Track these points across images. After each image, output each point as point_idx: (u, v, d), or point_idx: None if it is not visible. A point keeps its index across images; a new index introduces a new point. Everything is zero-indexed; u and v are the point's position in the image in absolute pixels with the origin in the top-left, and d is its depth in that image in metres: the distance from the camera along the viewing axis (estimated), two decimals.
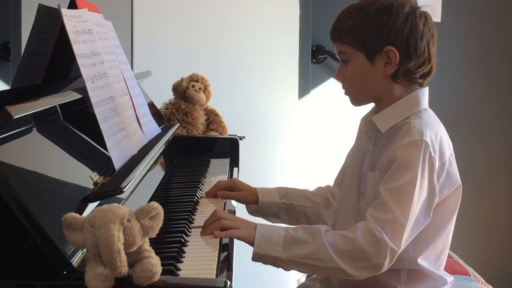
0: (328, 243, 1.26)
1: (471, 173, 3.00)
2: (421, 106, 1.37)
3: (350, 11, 1.37)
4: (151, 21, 2.61)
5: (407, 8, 1.34)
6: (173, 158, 2.01)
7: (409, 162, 1.28)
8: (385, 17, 1.33)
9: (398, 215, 1.25)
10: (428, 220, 1.32)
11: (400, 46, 1.33)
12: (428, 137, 1.30)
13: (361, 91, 1.40)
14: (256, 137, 2.60)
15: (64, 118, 1.35)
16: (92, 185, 1.22)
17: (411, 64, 1.34)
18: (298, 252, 1.27)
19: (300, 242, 1.28)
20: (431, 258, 1.40)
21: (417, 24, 1.33)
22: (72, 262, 1.00)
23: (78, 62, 1.27)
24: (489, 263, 3.02)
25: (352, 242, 1.25)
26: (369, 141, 1.43)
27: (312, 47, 2.81)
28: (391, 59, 1.34)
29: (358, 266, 1.25)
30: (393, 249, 1.24)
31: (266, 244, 1.28)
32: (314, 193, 1.63)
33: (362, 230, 1.26)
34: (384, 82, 1.37)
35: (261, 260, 1.29)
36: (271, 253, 1.27)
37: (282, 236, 1.28)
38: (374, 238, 1.24)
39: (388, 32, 1.33)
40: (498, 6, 2.97)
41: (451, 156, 1.36)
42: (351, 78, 1.39)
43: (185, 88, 2.19)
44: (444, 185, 1.34)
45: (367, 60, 1.35)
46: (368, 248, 1.24)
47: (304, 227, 1.32)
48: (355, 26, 1.34)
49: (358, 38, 1.34)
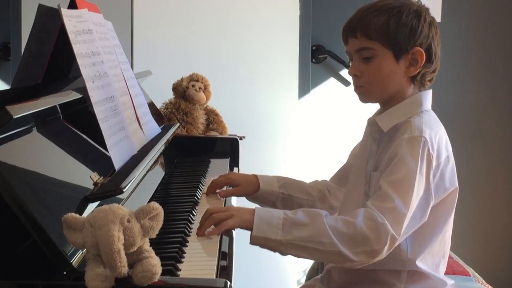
0: (329, 226, 1.25)
1: (470, 173, 3.01)
2: (423, 107, 1.39)
3: (376, 9, 1.38)
4: (151, 21, 2.61)
5: (430, 17, 1.40)
6: (173, 158, 2.01)
7: (408, 156, 1.29)
8: (416, 19, 1.37)
9: (399, 204, 1.26)
10: (425, 219, 1.33)
11: (426, 49, 1.37)
12: (427, 135, 1.32)
13: (380, 88, 1.40)
14: (256, 137, 2.60)
15: (64, 118, 1.35)
16: (92, 185, 1.22)
17: (432, 67, 1.39)
18: (298, 234, 1.26)
19: (300, 225, 1.27)
20: (429, 261, 1.40)
21: (437, 32, 1.40)
22: (72, 262, 0.99)
23: (78, 62, 1.27)
24: (489, 263, 3.02)
25: (354, 226, 1.25)
26: (373, 142, 1.45)
27: (312, 47, 2.81)
28: (416, 60, 1.37)
29: (358, 250, 1.24)
30: (393, 235, 1.24)
31: (265, 226, 1.26)
32: (311, 186, 1.64)
33: (363, 215, 1.26)
34: (403, 83, 1.40)
35: (259, 243, 1.28)
36: (270, 235, 1.26)
37: (281, 218, 1.27)
38: (375, 223, 1.24)
39: (419, 34, 1.36)
40: (498, 6, 2.97)
41: (447, 158, 1.36)
42: (373, 74, 1.39)
43: (185, 87, 2.19)
44: (439, 185, 1.34)
45: (393, 58, 1.37)
46: (369, 232, 1.24)
47: (304, 210, 1.31)
48: (387, 24, 1.36)
49: (389, 35, 1.36)
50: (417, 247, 1.37)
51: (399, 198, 1.26)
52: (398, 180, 1.28)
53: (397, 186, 1.28)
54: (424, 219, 1.33)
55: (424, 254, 1.38)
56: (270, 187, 1.60)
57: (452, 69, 2.91)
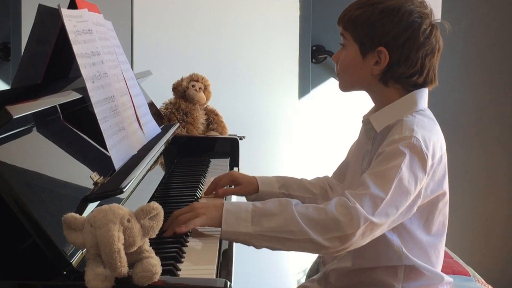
0: (298, 214, 1.23)
1: (470, 173, 3.01)
2: (418, 106, 1.38)
3: (362, 2, 1.39)
4: (151, 21, 2.61)
5: (415, 17, 1.34)
6: (173, 158, 2.01)
7: (395, 153, 1.28)
8: (388, 18, 1.34)
9: (374, 189, 1.25)
10: (409, 215, 1.31)
11: (393, 50, 1.34)
12: (420, 135, 1.30)
13: (347, 79, 1.44)
14: (256, 137, 2.60)
15: (64, 118, 1.35)
16: (92, 185, 1.22)
17: (400, 71, 1.35)
18: (267, 225, 1.24)
19: (269, 215, 1.25)
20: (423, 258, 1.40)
21: (417, 35, 1.34)
22: (72, 262, 0.99)
23: (78, 62, 1.27)
24: (489, 263, 3.02)
25: (325, 212, 1.23)
26: (368, 141, 1.45)
27: (312, 47, 2.81)
28: (381, 60, 1.35)
29: (330, 236, 1.22)
30: (366, 217, 1.22)
31: (233, 220, 1.24)
32: (313, 183, 1.64)
33: (335, 202, 1.25)
34: (371, 80, 1.39)
35: (230, 238, 1.26)
36: (239, 229, 1.24)
37: (250, 211, 1.25)
38: (346, 208, 1.23)
39: (385, 33, 1.34)
40: (498, 6, 2.97)
41: (440, 158, 1.36)
42: (342, 62, 1.42)
43: (185, 88, 2.19)
44: (428, 184, 1.33)
45: (359, 53, 1.38)
46: (341, 217, 1.22)
47: (274, 200, 1.29)
48: (358, 18, 1.36)
49: (357, 30, 1.37)
50: (406, 244, 1.37)
51: (375, 185, 1.25)
52: (379, 172, 1.27)
53: (376, 176, 1.27)
54: (408, 215, 1.31)
55: (415, 250, 1.38)
56: (269, 188, 1.59)
57: (452, 69, 2.91)
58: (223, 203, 1.28)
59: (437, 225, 1.41)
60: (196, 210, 1.27)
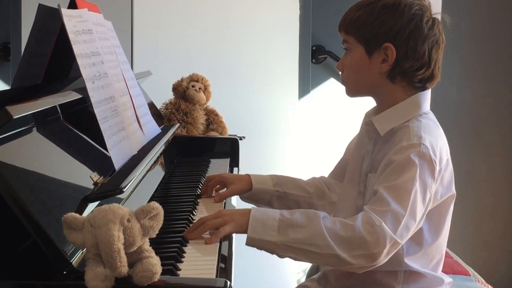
0: (326, 228, 1.23)
1: (470, 173, 3.01)
2: (421, 109, 1.37)
3: (360, 4, 1.38)
4: (151, 21, 2.61)
5: (416, 10, 1.34)
6: (173, 158, 2.01)
7: (407, 163, 1.27)
8: (389, 14, 1.34)
9: (395, 207, 1.24)
10: (421, 223, 1.31)
11: (399, 45, 1.33)
12: (428, 142, 1.30)
13: (355, 83, 1.42)
14: (256, 137, 2.60)
15: (64, 118, 1.35)
16: (92, 185, 1.22)
17: (408, 65, 1.34)
18: (293, 236, 1.23)
19: (296, 226, 1.24)
20: (425, 261, 1.39)
21: (421, 26, 1.34)
22: (72, 262, 1.00)
23: (78, 62, 1.27)
24: (489, 263, 3.02)
25: (352, 229, 1.23)
26: (370, 141, 1.44)
27: (312, 47, 2.81)
28: (388, 56, 1.34)
29: (356, 253, 1.22)
30: (392, 237, 1.22)
31: (260, 228, 1.24)
32: (308, 183, 1.63)
33: (362, 219, 1.24)
34: (379, 78, 1.37)
35: (255, 245, 1.25)
36: (265, 237, 1.23)
37: (277, 219, 1.25)
38: (373, 226, 1.22)
39: (389, 29, 1.33)
40: (498, 6, 2.97)
41: (446, 162, 1.35)
42: (348, 68, 1.40)
43: (185, 88, 2.19)
44: (437, 190, 1.33)
45: (365, 53, 1.36)
46: (367, 236, 1.21)
47: (302, 210, 1.29)
48: (360, 19, 1.36)
49: (360, 31, 1.36)
50: (411, 249, 1.36)
51: (396, 202, 1.24)
52: (395, 186, 1.26)
53: (394, 191, 1.26)
54: (421, 223, 1.31)
55: (419, 255, 1.37)
56: (263, 185, 1.58)
57: (452, 69, 2.91)
58: (250, 209, 1.28)
59: (446, 228, 1.41)
60: (224, 217, 1.27)
